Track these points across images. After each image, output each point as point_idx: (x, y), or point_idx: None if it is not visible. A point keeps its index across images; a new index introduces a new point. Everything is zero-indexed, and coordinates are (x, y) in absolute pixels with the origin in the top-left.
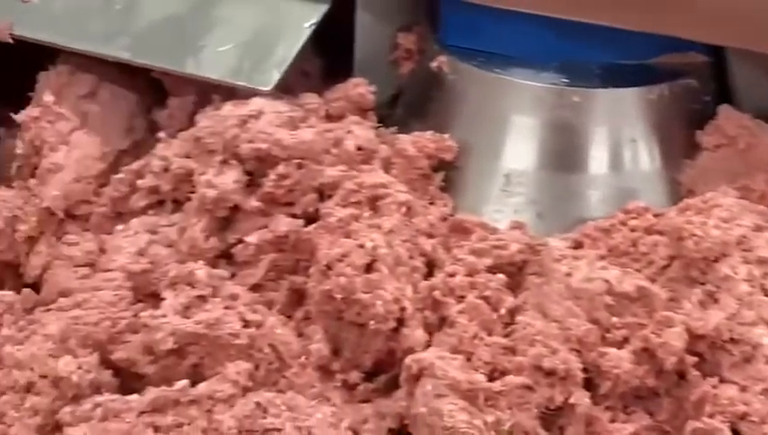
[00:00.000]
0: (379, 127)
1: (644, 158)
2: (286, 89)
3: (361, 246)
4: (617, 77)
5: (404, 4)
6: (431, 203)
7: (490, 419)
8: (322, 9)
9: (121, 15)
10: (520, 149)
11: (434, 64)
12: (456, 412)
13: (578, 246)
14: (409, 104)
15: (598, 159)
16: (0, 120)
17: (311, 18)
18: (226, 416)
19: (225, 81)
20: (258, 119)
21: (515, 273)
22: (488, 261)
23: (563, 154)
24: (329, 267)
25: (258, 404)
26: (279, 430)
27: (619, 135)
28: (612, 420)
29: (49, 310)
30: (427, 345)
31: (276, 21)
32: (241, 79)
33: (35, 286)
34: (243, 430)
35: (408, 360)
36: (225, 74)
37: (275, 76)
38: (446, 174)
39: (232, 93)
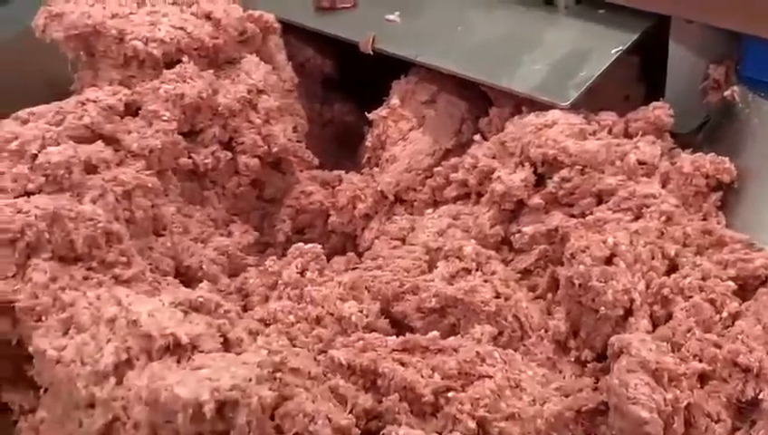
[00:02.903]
0: (673, 148)
1: None
2: (605, 107)
3: (604, 241)
4: None
5: (717, 38)
6: (704, 218)
7: (669, 396)
8: (632, 37)
9: (460, 35)
10: None
11: (727, 93)
12: (640, 386)
13: None
14: (708, 131)
15: None
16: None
17: (618, 45)
18: (451, 359)
19: (530, 94)
20: (551, 128)
21: (756, 286)
22: (732, 272)
23: None
24: (573, 256)
25: (478, 353)
26: (490, 377)
27: None
28: None
29: (355, 269)
30: None
31: (586, 45)
32: (544, 94)
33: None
34: (461, 371)
35: (612, 338)
36: (532, 89)
37: (573, 94)
38: (725, 194)
39: (542, 106)
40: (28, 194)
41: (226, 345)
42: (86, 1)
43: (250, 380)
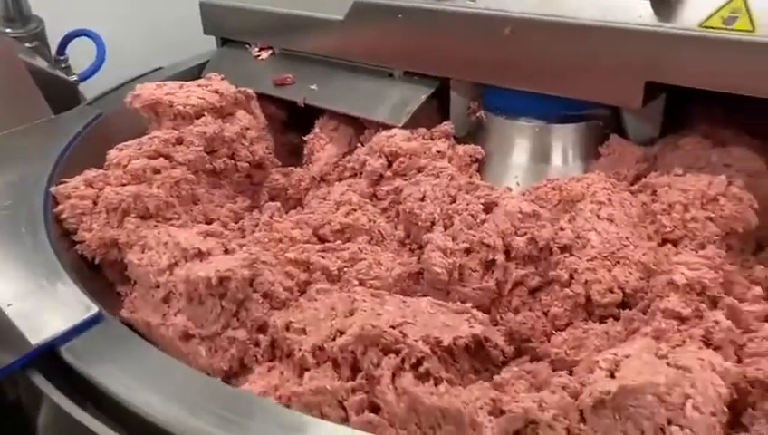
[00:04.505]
0: (454, 144)
1: None
2: (420, 126)
3: (420, 190)
4: None
5: (472, 85)
6: (470, 177)
7: (450, 261)
8: (431, 89)
9: (347, 92)
10: None
11: (479, 114)
12: (436, 257)
13: None
14: (470, 135)
15: None
16: None
17: (425, 93)
18: (346, 252)
19: (384, 121)
20: (394, 137)
21: (493, 207)
22: (482, 200)
23: None
24: (405, 199)
25: (359, 249)
26: (365, 259)
27: None
28: None
29: (299, 214)
30: None
31: (409, 94)
32: (390, 120)
33: None
34: (351, 258)
35: (424, 236)
36: (385, 118)
37: (404, 119)
38: (480, 165)
39: (389, 127)
40: (123, 185)
41: (226, 253)
42: (151, 86)
43: (237, 266)
